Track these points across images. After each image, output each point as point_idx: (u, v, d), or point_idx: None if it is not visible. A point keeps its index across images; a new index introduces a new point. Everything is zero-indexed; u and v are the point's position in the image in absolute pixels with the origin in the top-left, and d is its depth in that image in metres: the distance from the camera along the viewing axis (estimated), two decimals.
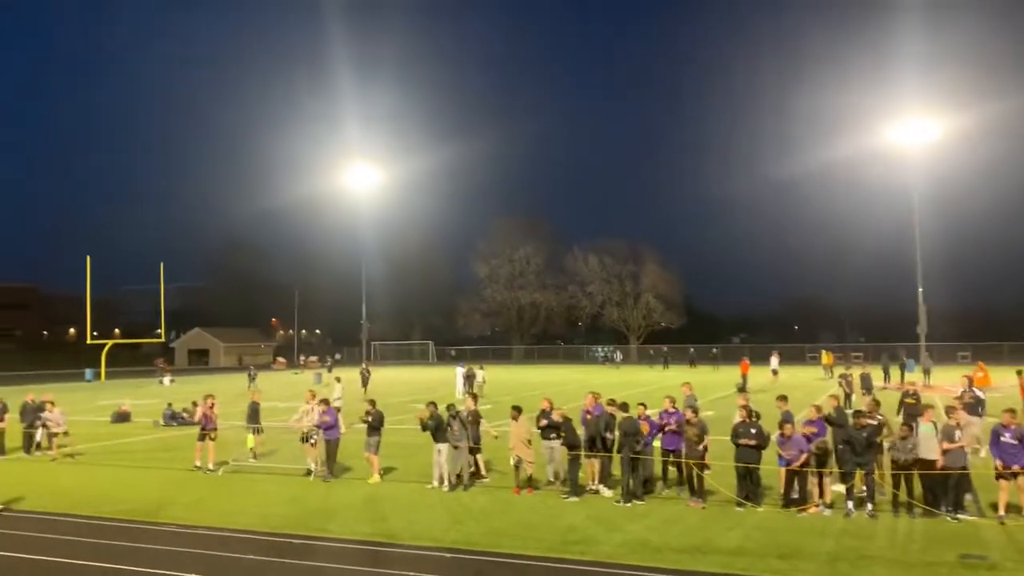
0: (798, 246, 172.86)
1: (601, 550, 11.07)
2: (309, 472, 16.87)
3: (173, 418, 27.40)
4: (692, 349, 70.20)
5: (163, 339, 73.03)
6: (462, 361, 48.96)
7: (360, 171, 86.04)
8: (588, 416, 15.39)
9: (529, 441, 15.01)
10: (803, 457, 13.19)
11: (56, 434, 19.90)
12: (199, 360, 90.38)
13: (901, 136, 52.67)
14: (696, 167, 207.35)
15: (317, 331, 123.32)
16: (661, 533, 11.99)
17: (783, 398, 15.02)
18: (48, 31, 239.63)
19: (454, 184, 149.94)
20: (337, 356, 75.36)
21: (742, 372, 39.72)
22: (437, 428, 15.40)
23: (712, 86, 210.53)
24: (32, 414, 20.46)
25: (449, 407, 15.91)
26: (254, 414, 19.03)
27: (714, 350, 68.55)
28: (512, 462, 15.11)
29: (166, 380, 51.93)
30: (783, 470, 13.43)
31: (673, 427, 14.71)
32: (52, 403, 20.38)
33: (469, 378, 38.55)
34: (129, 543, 11.76)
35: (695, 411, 14.89)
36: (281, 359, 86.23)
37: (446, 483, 15.27)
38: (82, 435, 23.04)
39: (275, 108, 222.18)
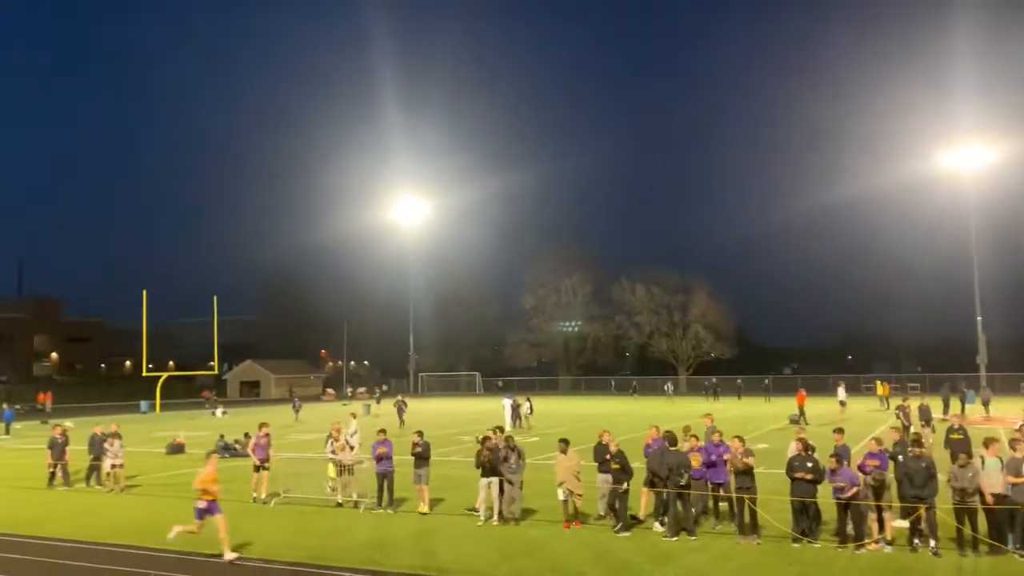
0: (852, 275, 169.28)
1: None
2: (340, 504, 17.04)
3: (226, 449, 27.74)
4: (739, 380, 68.94)
5: (216, 371, 74.27)
6: (509, 392, 48.85)
7: (407, 204, 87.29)
8: (650, 449, 15.29)
9: (578, 474, 14.83)
10: (853, 490, 12.80)
11: (115, 466, 20.27)
12: (250, 392, 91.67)
13: (958, 161, 51.62)
14: (747, 196, 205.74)
15: (365, 362, 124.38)
16: (715, 568, 11.72)
17: (840, 431, 14.66)
18: (99, 76, 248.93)
19: (501, 215, 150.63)
20: (384, 387, 75.78)
21: (799, 404, 38.80)
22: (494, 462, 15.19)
23: (763, 113, 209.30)
24: (99, 446, 20.83)
25: (507, 439, 15.79)
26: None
27: (766, 381, 67.33)
28: (561, 496, 14.85)
29: (218, 412, 52.76)
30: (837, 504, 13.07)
31: (717, 460, 14.33)
32: (117, 435, 20.74)
33: (516, 409, 38.42)
34: (175, 574, 11.88)
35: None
36: (330, 390, 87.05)
37: (495, 517, 15.11)
38: (138, 466, 23.48)
39: (325, 144, 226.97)
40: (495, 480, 15.18)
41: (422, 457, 16.42)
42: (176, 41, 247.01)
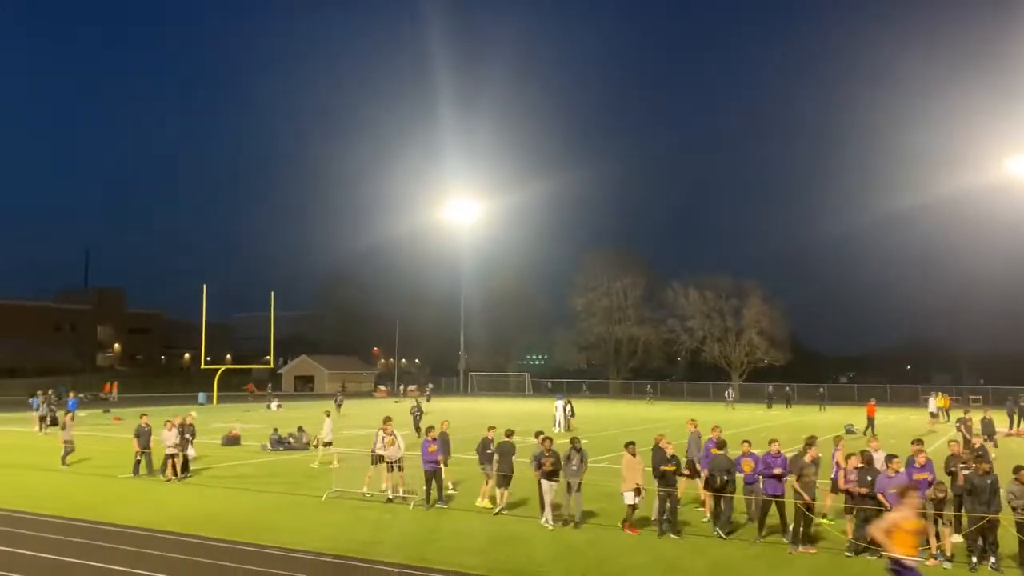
0: (913, 283, 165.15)
1: None
2: (391, 500, 17.18)
3: (280, 443, 28.26)
4: (788, 388, 67.40)
5: (272, 365, 75.67)
6: (560, 394, 48.75)
7: (460, 205, 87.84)
8: (714, 451, 15.33)
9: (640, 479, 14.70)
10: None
11: (174, 456, 20.74)
12: (304, 386, 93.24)
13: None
14: (806, 200, 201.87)
15: (416, 360, 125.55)
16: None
17: (918, 442, 14.42)
18: (163, 78, 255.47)
19: (552, 216, 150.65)
20: (430, 385, 76.28)
21: (868, 415, 37.77)
22: (539, 465, 15.11)
23: (823, 117, 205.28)
24: (183, 436, 21.15)
25: (573, 440, 15.80)
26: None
27: (820, 390, 66.06)
28: (630, 500, 14.53)
29: (274, 405, 53.74)
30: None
31: (777, 471, 14.08)
32: (181, 424, 21.19)
33: (566, 410, 38.35)
34: (234, 563, 12.15)
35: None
36: (382, 387, 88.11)
37: (550, 519, 14.90)
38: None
39: (381, 146, 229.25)
40: (554, 483, 14.98)
41: (503, 453, 16.35)
42: (238, 44, 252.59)
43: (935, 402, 42.33)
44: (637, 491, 14.44)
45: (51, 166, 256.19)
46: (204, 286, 60.99)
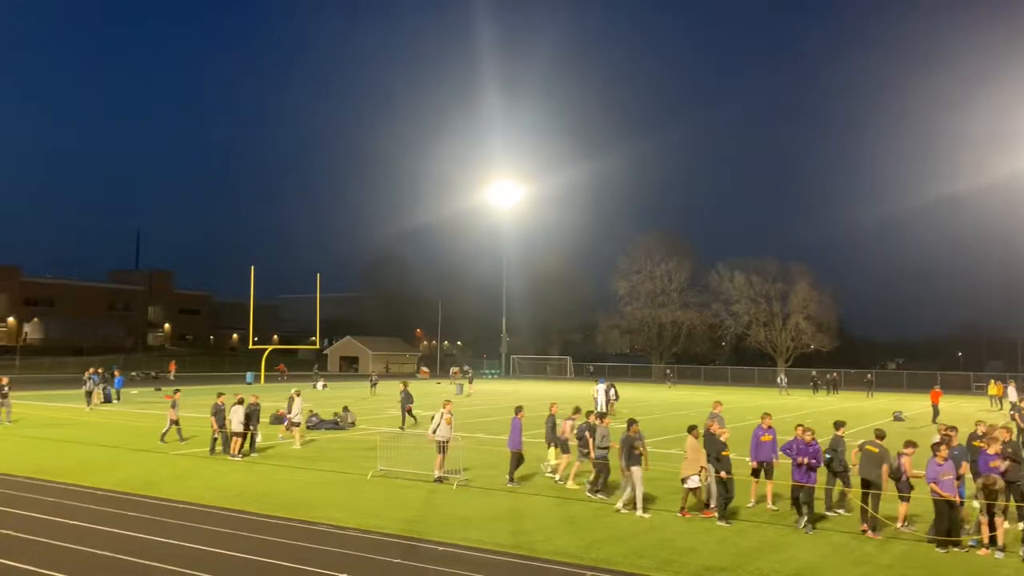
0: (965, 268, 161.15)
1: None
2: (439, 480, 17.31)
3: (320, 424, 28.70)
4: (834, 374, 65.97)
5: (317, 346, 76.78)
6: (602, 377, 48.66)
7: (503, 187, 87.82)
8: (763, 438, 15.25)
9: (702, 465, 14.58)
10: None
11: (236, 433, 21.11)
12: (349, 367, 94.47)
13: None
14: (853, 184, 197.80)
15: (459, 343, 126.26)
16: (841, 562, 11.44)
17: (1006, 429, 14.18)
18: (209, 67, 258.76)
19: (596, 199, 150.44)
20: (465, 367, 76.54)
21: (933, 402, 36.97)
22: (631, 450, 14.78)
23: (874, 100, 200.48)
24: (255, 415, 21.66)
25: (630, 421, 15.76)
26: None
27: (868, 376, 64.89)
28: (693, 484, 14.36)
29: (319, 385, 54.54)
30: (934, 500, 12.55)
31: (802, 460, 13.83)
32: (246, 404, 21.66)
33: (608, 394, 38.18)
34: (281, 539, 12.40)
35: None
36: (425, 368, 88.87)
37: (639, 508, 14.56)
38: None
39: (426, 128, 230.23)
40: (637, 469, 14.58)
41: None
42: (283, 31, 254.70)
43: (1014, 391, 41.07)
44: (699, 475, 14.36)
45: (105, 153, 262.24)
46: (252, 268, 62.07)
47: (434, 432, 17.76)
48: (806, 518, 13.58)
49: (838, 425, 15.28)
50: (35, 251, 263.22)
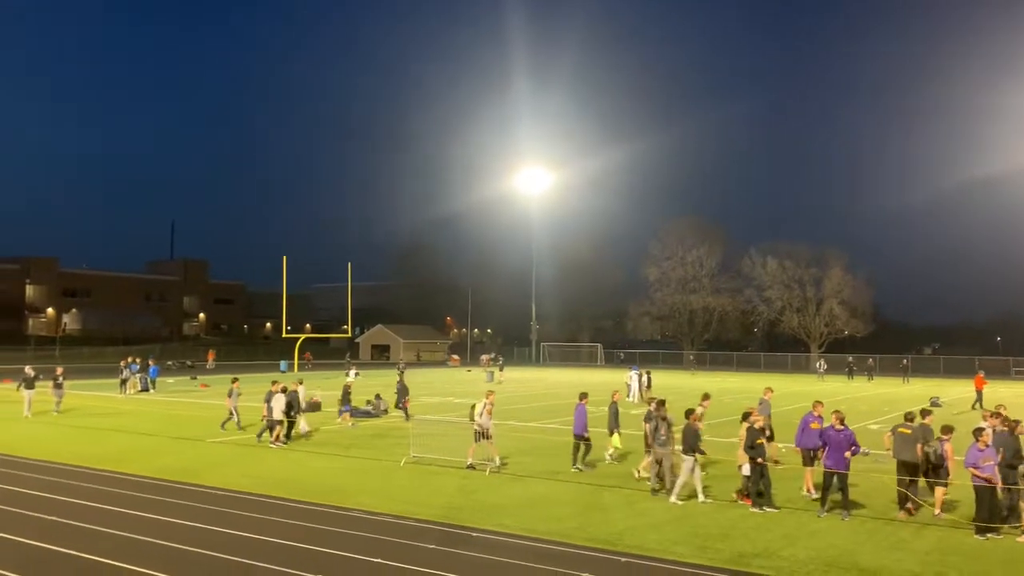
0: (1002, 252, 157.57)
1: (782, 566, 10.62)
2: (471, 467, 17.36)
3: (353, 414, 28.80)
4: (871, 360, 64.96)
5: (349, 334, 77.37)
6: (634, 364, 48.52)
7: (533, 174, 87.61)
8: (812, 425, 15.08)
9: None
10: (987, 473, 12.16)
11: (280, 422, 21.27)
12: (380, 355, 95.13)
13: None
14: (889, 166, 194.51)
15: (488, 330, 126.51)
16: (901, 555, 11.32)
17: None
18: (240, 58, 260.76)
19: (626, 185, 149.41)
20: (493, 354, 76.39)
21: (976, 387, 36.25)
22: (694, 435, 14.54)
23: (907, 80, 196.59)
24: (296, 402, 21.86)
25: (658, 403, 15.61)
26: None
27: (904, 361, 63.95)
28: (747, 471, 14.21)
29: (352, 373, 54.94)
30: (975, 486, 12.35)
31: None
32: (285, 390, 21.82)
33: (640, 381, 38.09)
34: (315, 524, 12.52)
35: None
36: (455, 356, 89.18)
37: (701, 495, 14.42)
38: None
39: (454, 114, 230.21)
40: (694, 457, 14.45)
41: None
42: (311, 22, 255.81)
43: None
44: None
45: (140, 147, 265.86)
46: (284, 258, 62.59)
47: (474, 419, 17.76)
48: (837, 505, 13.47)
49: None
50: (73, 243, 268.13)
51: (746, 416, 14.77)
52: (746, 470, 14.22)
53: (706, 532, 12.34)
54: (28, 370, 28.23)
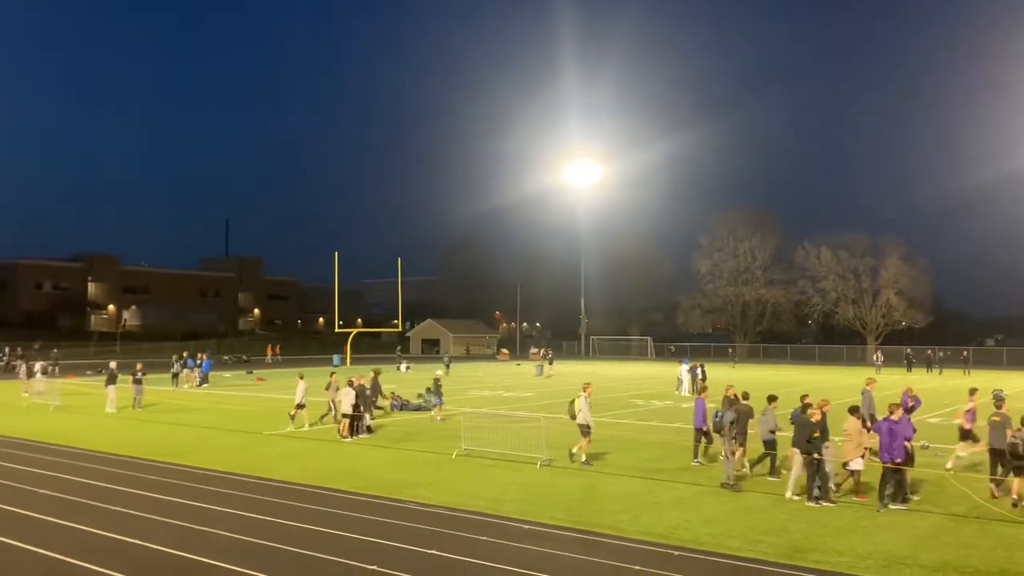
0: None
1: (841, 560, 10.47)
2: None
3: (403, 407, 29.12)
4: (929, 351, 63.40)
5: (400, 329, 78.19)
6: (686, 358, 48.04)
7: (581, 167, 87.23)
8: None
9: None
10: None
11: (348, 415, 21.54)
12: (431, 349, 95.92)
13: None
14: (949, 151, 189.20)
15: (537, 324, 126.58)
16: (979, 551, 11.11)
17: None
18: (291, 57, 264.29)
19: (675, 177, 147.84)
20: (545, 349, 76.35)
21: None
22: (822, 433, 14.14)
23: (964, 61, 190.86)
24: (367, 396, 22.36)
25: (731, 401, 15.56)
26: None
27: (964, 353, 62.20)
28: (856, 466, 14.01)
29: (403, 367, 55.56)
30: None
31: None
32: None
33: (693, 375, 37.67)
34: (370, 516, 12.72)
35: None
36: (505, 350, 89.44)
37: (789, 491, 14.11)
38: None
39: (502, 109, 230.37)
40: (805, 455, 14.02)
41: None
42: (360, 23, 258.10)
43: None
44: (863, 457, 14.06)
45: (195, 146, 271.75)
46: (336, 254, 63.60)
47: (574, 417, 17.63)
48: (894, 499, 13.26)
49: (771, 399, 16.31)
50: (130, 242, 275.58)
51: (853, 411, 14.54)
52: (855, 465, 14.01)
53: (761, 526, 12.23)
54: (112, 365, 28.71)
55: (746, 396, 17.25)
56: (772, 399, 16.62)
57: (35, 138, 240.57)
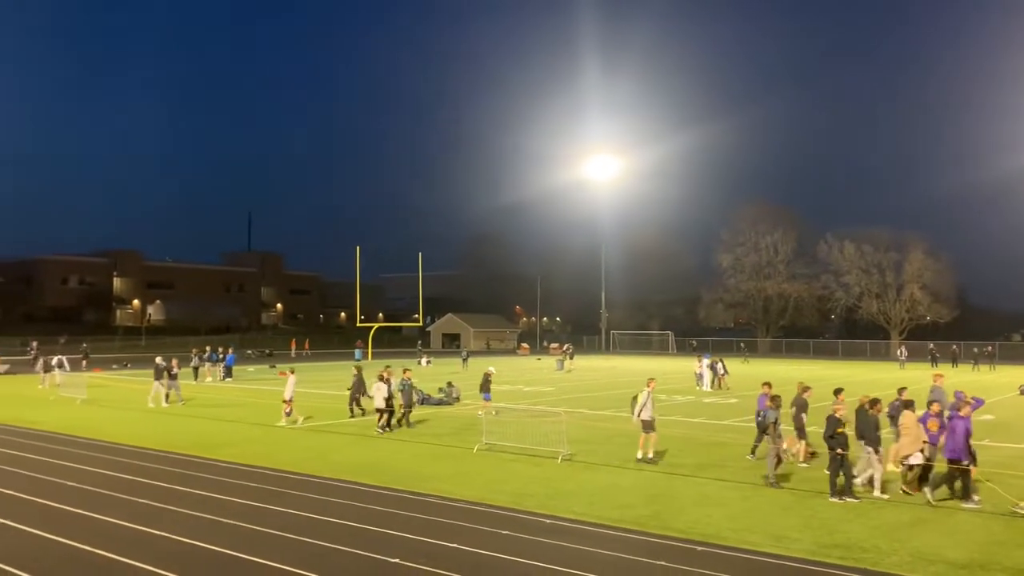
0: None
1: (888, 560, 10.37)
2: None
3: (425, 401, 29.19)
4: (954, 347, 62.77)
5: (421, 323, 78.41)
6: (707, 353, 47.88)
7: (601, 161, 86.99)
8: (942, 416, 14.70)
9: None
10: None
11: (382, 410, 21.60)
12: (451, 343, 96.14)
13: None
14: (971, 142, 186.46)
15: (557, 319, 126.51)
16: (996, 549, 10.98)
17: None
18: (315, 54, 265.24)
19: (696, 171, 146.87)
20: (566, 344, 76.23)
21: None
22: (874, 426, 14.12)
23: (988, 50, 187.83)
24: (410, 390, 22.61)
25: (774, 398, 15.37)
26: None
27: (988, 348, 61.40)
28: (916, 460, 13.87)
29: (424, 361, 55.74)
30: None
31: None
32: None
33: (714, 369, 37.50)
34: (391, 509, 12.75)
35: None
36: (525, 345, 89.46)
37: (877, 489, 13.93)
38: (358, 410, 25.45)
39: (523, 105, 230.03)
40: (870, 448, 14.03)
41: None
42: (383, 11, 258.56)
43: None
44: (922, 451, 13.96)
45: (218, 140, 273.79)
46: (357, 248, 63.79)
47: (638, 415, 17.41)
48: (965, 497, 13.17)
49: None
50: (153, 237, 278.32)
51: (909, 405, 14.42)
52: (915, 459, 13.89)
53: (784, 522, 12.13)
54: (159, 360, 28.79)
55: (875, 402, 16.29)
56: (838, 391, 16.13)
57: (60, 135, 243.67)
